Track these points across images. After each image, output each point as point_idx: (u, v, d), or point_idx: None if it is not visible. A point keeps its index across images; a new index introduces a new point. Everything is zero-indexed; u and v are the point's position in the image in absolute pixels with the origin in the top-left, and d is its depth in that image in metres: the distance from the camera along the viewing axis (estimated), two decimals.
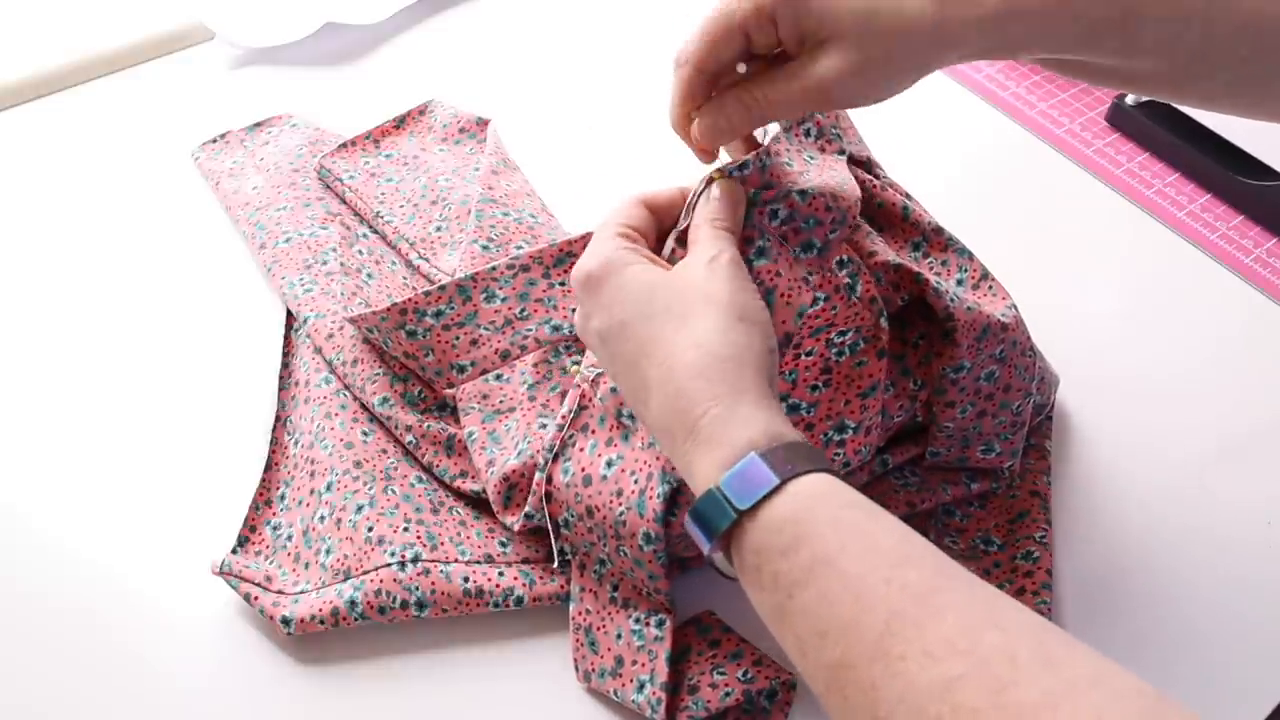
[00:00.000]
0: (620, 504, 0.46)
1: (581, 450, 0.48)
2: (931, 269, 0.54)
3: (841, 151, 0.55)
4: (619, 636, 0.48)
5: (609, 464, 0.47)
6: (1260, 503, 0.57)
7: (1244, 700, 0.50)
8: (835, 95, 0.40)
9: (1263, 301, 0.67)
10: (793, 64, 0.41)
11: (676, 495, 0.46)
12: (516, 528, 0.50)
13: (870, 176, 0.56)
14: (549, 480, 0.47)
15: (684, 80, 0.42)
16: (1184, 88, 0.43)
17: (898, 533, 0.33)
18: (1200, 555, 0.55)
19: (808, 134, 0.53)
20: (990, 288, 0.54)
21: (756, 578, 0.33)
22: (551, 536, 0.50)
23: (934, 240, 0.55)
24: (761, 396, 0.37)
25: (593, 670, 0.47)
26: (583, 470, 0.48)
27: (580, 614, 0.48)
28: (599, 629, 0.48)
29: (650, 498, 0.46)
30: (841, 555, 0.32)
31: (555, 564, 0.50)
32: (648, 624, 0.48)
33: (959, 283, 0.54)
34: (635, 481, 0.47)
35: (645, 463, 0.47)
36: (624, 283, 0.39)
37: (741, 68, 0.43)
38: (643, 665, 0.47)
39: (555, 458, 0.48)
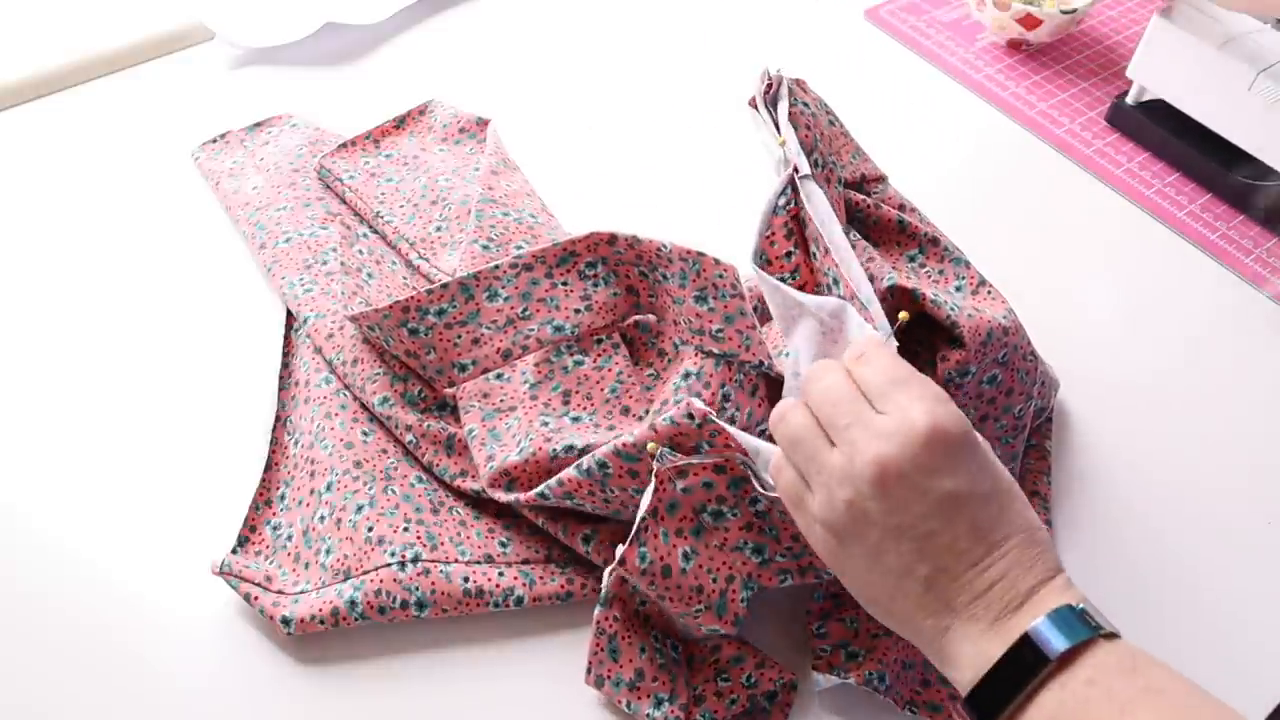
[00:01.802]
0: (700, 601, 0.46)
1: (656, 537, 0.47)
2: (929, 277, 0.55)
3: (839, 180, 0.55)
4: (643, 651, 0.48)
5: (685, 556, 0.46)
6: (1260, 503, 0.57)
7: (1244, 700, 0.50)
8: None
9: (1263, 302, 0.67)
10: None
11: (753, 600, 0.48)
12: (523, 498, 0.50)
13: (862, 196, 0.56)
14: (622, 562, 0.46)
15: None
16: None
17: (1202, 691, 0.37)
18: (1200, 555, 0.55)
19: (817, 164, 0.53)
20: (989, 293, 0.54)
21: (1084, 690, 0.36)
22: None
23: (930, 250, 0.56)
24: None
25: (608, 677, 0.47)
26: (661, 559, 0.46)
27: (607, 620, 0.48)
28: (624, 639, 0.48)
29: (733, 600, 0.46)
30: (1170, 690, 0.36)
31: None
32: (665, 643, 0.49)
33: (957, 289, 0.55)
34: (714, 581, 0.46)
35: (725, 564, 0.47)
36: (980, 450, 0.40)
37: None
38: (663, 684, 0.47)
39: (631, 541, 0.47)
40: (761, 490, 0.45)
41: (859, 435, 0.39)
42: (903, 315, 0.43)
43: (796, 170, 0.47)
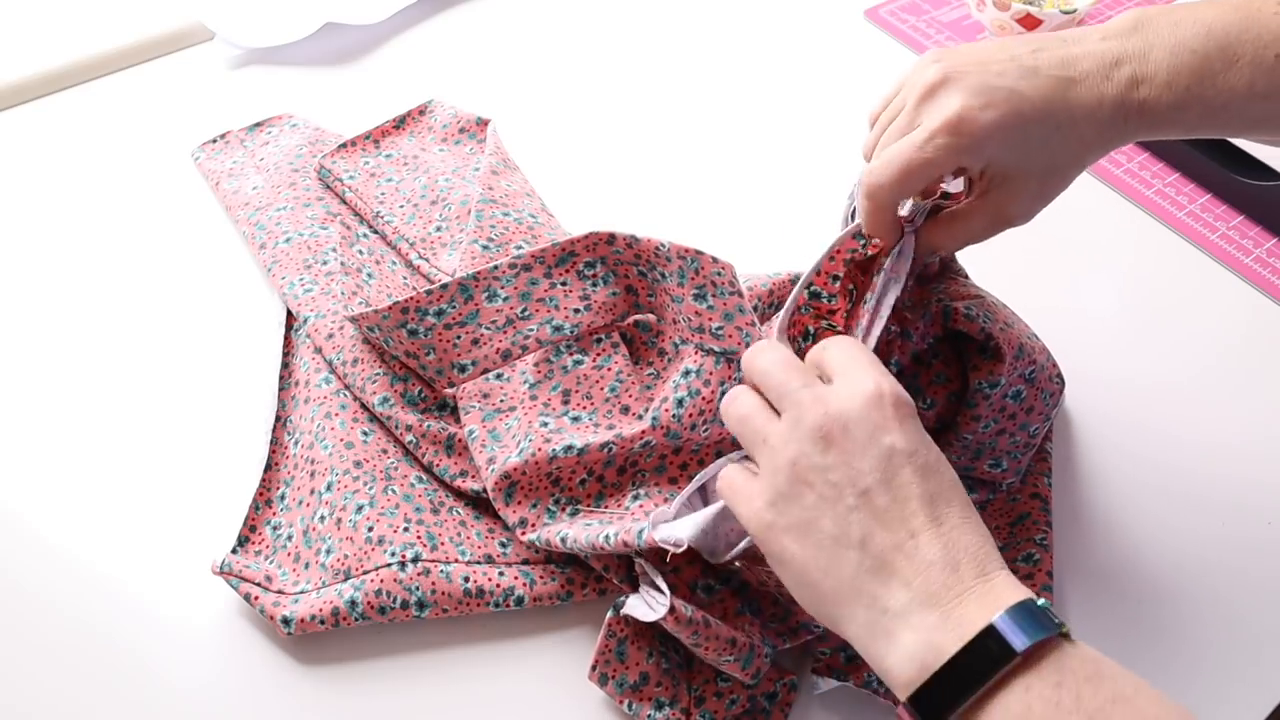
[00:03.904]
0: (731, 652, 0.46)
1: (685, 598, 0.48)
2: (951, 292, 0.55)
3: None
4: (650, 655, 0.48)
5: (706, 622, 0.47)
6: (1260, 503, 0.57)
7: (1244, 700, 0.50)
8: (1016, 221, 0.47)
9: (1263, 301, 0.67)
10: (982, 205, 0.47)
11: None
12: (519, 533, 0.50)
13: None
14: (672, 610, 0.45)
15: (879, 210, 0.46)
16: None
17: (1161, 696, 0.36)
18: (1200, 555, 0.55)
19: None
20: (1011, 314, 0.55)
21: (1054, 694, 0.35)
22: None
23: (947, 274, 0.56)
24: None
25: (612, 676, 0.47)
26: (701, 612, 0.46)
27: (619, 624, 0.48)
28: (633, 643, 0.48)
29: (759, 656, 0.47)
30: (1137, 698, 0.35)
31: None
32: (669, 648, 0.49)
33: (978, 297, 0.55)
34: (745, 637, 0.47)
35: (739, 628, 0.47)
36: (922, 427, 0.40)
37: (955, 187, 0.49)
38: (665, 689, 0.47)
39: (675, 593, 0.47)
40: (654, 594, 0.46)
41: (805, 396, 0.40)
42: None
43: (912, 221, 0.48)
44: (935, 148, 0.43)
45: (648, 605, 0.46)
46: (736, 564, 0.48)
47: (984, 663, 0.35)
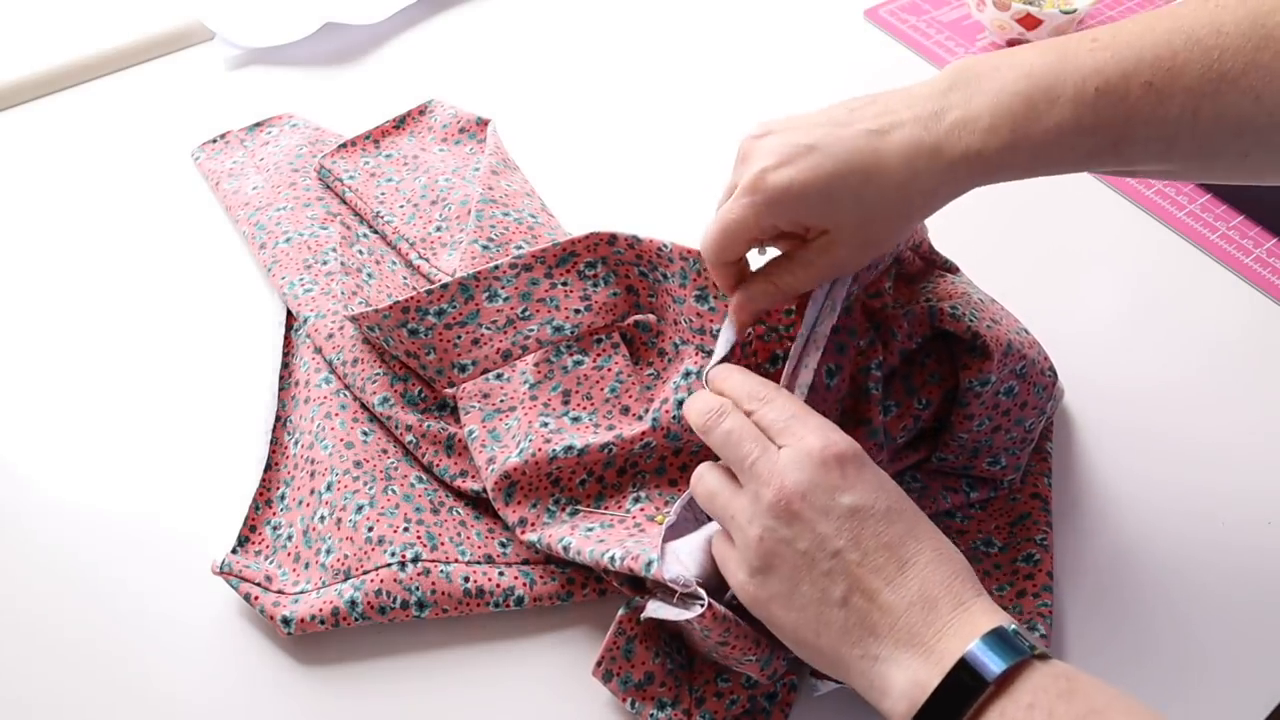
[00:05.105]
0: (755, 652, 0.45)
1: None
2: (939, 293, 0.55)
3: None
4: (656, 656, 0.48)
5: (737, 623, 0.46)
6: (1260, 503, 0.57)
7: (1244, 700, 0.50)
8: (848, 269, 0.47)
9: (1263, 301, 0.67)
10: (805, 252, 0.46)
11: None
12: (519, 532, 0.50)
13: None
14: (710, 606, 0.45)
15: (713, 270, 0.48)
16: (1187, 177, 0.48)
17: (1139, 706, 0.37)
18: (1200, 556, 0.55)
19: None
20: (999, 310, 0.55)
21: (1025, 716, 0.36)
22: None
23: (937, 273, 0.56)
24: None
25: (617, 673, 0.47)
26: (722, 612, 0.46)
27: (629, 622, 0.48)
28: (641, 641, 0.48)
29: (778, 658, 0.46)
30: (1110, 710, 0.36)
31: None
32: (673, 648, 0.49)
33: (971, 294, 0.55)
34: (769, 638, 0.46)
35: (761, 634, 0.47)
36: (877, 471, 0.42)
37: (755, 254, 0.49)
38: (669, 689, 0.47)
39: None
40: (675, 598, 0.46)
41: (762, 469, 0.42)
42: None
43: None
44: (740, 207, 0.45)
45: (674, 606, 0.46)
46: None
47: (961, 694, 0.37)
